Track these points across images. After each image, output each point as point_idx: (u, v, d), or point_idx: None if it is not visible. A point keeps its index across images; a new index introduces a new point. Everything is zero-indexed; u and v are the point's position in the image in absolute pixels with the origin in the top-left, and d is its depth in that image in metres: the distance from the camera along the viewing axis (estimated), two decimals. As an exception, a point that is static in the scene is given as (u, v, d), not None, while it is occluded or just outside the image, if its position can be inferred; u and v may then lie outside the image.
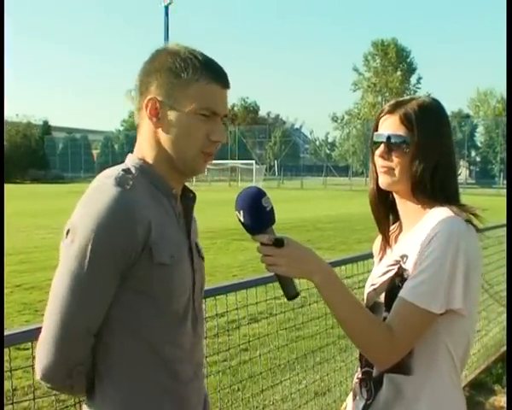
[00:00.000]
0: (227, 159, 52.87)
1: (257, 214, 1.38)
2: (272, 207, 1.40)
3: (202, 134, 1.37)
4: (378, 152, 1.57)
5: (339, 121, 62.90)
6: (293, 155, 64.11)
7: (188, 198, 1.50)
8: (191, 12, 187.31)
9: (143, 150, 1.42)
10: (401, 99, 1.59)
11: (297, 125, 77.60)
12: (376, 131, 1.61)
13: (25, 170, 54.08)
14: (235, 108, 74.78)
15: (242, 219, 1.38)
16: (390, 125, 1.56)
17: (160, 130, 1.38)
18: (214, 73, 1.38)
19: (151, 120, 1.38)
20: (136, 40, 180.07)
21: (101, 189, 1.31)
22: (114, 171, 1.36)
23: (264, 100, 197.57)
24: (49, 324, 1.30)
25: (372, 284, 1.62)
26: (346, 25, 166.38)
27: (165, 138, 1.38)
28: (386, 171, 1.56)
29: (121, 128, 75.59)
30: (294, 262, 1.40)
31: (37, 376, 1.32)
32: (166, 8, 44.88)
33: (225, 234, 13.60)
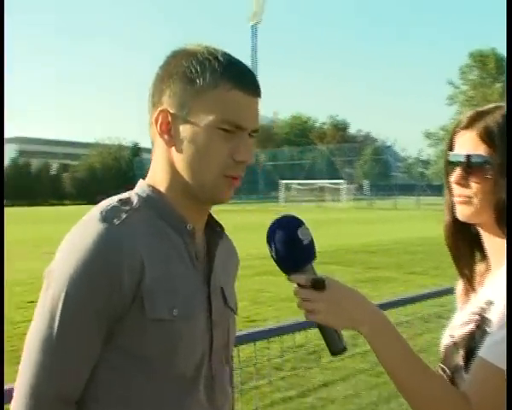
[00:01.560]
0: (315, 179, 52.63)
1: (292, 249, 1.14)
2: (312, 240, 1.16)
3: (224, 153, 1.11)
4: (454, 177, 1.29)
5: (433, 138, 60.74)
6: (385, 173, 62.70)
7: (214, 233, 1.25)
8: (279, 30, 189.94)
9: (155, 175, 1.19)
10: (482, 109, 1.31)
11: (388, 143, 75.82)
12: (451, 150, 1.31)
13: (116, 191, 56.12)
14: (324, 126, 74.49)
15: (274, 255, 1.15)
16: (467, 143, 1.27)
17: (173, 149, 1.14)
18: (238, 78, 1.11)
19: (162, 138, 1.14)
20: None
21: (83, 225, 1.10)
22: (108, 201, 1.14)
23: (354, 117, 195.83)
24: (18, 386, 1.09)
25: (450, 336, 1.32)
26: (439, 38, 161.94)
27: (178, 159, 1.14)
28: (465, 200, 1.28)
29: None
30: (337, 309, 1.17)
31: None
32: (254, 27, 45.59)
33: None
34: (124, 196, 1.16)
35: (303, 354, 4.75)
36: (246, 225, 20.04)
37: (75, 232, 1.10)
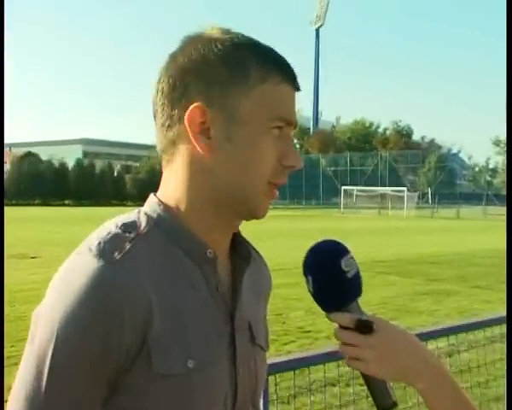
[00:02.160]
0: (377, 185, 51.69)
1: (333, 283, 0.96)
2: (358, 272, 0.97)
3: (274, 157, 0.95)
4: None
5: (502, 145, 58.42)
6: (449, 181, 60.80)
7: (240, 256, 1.04)
8: (342, 33, 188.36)
9: (173, 188, 0.98)
10: None
11: (454, 150, 73.42)
12: None
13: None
14: (387, 132, 73.09)
15: (311, 289, 0.97)
16: None
17: (211, 156, 0.93)
18: (285, 70, 0.96)
19: (196, 141, 0.93)
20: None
21: (77, 260, 0.90)
22: (109, 226, 0.95)
23: (419, 123, 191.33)
24: None
25: None
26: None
27: (219, 167, 0.94)
28: None
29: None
30: (388, 358, 0.97)
31: None
32: (317, 30, 45.41)
33: (370, 266, 12.85)
34: (129, 217, 0.97)
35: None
36: (306, 232, 19.82)
37: (67, 268, 0.91)
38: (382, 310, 8.36)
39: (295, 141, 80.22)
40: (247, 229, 1.09)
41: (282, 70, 0.96)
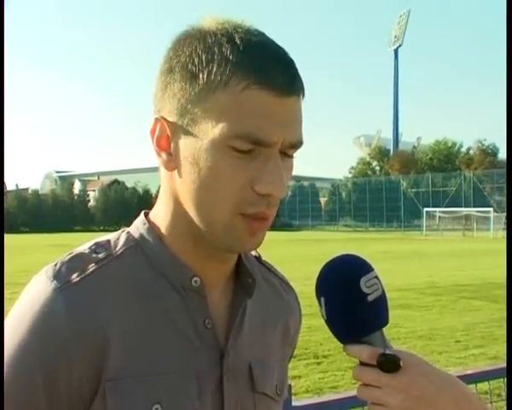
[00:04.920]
0: (461, 206, 49.85)
1: (349, 307, 0.78)
2: (382, 295, 0.79)
3: (239, 182, 0.76)
4: None
5: None
6: (541, 201, 57.55)
7: (243, 284, 0.89)
8: (421, 53, 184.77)
9: (158, 207, 0.87)
10: None
11: (545, 168, 69.52)
12: None
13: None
14: (471, 152, 70.57)
15: (324, 314, 0.80)
16: None
17: (174, 173, 0.81)
18: (259, 69, 0.74)
19: (160, 157, 0.82)
20: (364, 87, 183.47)
21: (31, 285, 0.80)
22: (80, 248, 0.84)
23: (505, 141, 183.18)
24: None
25: None
26: None
27: (181, 188, 0.81)
28: None
29: (349, 175, 76.60)
30: (419, 406, 0.76)
31: None
32: (396, 50, 44.90)
33: (453, 290, 12.38)
34: (106, 237, 0.85)
35: None
36: (384, 255, 19.38)
37: (24, 291, 0.80)
38: (466, 337, 8.05)
39: (375, 163, 79.08)
40: (317, 251, 1.03)
41: (253, 69, 0.74)
